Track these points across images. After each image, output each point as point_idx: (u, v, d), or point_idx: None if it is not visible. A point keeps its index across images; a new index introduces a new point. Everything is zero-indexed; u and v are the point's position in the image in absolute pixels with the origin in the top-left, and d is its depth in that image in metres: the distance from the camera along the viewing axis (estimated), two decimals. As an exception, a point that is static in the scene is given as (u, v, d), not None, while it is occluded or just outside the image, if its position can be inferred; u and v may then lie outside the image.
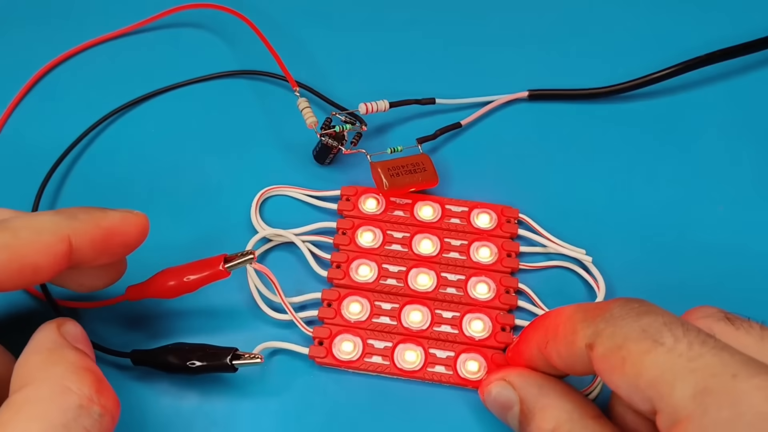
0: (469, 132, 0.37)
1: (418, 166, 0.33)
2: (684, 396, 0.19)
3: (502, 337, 0.30)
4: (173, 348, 0.29)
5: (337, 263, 0.32)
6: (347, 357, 0.30)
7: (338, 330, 0.30)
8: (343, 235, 0.32)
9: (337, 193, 0.33)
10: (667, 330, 0.20)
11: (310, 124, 0.33)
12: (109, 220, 0.25)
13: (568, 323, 0.23)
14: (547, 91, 0.37)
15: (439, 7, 0.41)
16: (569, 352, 0.22)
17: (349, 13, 0.40)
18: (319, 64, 0.39)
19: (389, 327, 0.30)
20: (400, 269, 0.32)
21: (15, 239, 0.22)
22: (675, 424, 0.19)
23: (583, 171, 0.35)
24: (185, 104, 0.37)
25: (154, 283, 0.28)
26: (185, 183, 0.35)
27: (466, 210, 0.33)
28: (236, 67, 0.38)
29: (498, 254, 0.32)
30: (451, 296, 0.31)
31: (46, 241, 0.23)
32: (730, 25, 0.40)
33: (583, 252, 0.32)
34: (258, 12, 0.39)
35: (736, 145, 0.36)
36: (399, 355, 0.30)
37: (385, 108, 0.34)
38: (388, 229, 0.33)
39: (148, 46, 0.39)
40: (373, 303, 0.31)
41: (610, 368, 0.21)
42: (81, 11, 0.40)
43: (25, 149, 0.35)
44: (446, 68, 0.39)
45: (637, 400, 0.20)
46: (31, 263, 0.23)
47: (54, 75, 0.38)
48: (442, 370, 0.30)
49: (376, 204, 0.33)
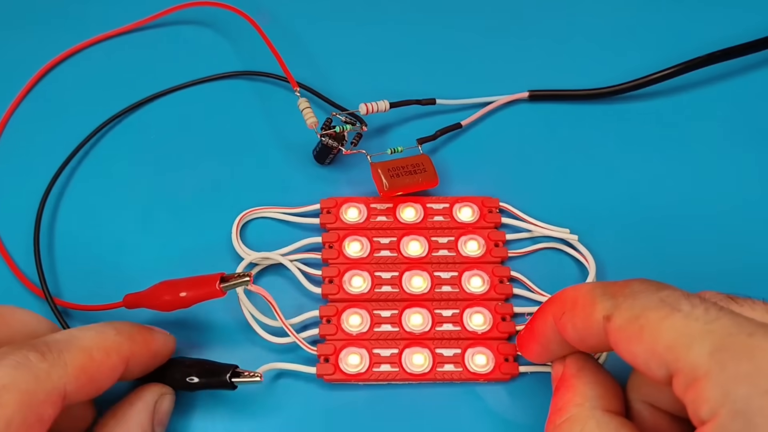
0: (469, 132, 0.37)
1: (418, 166, 0.32)
2: (702, 354, 0.19)
3: (505, 327, 0.30)
4: (171, 362, 0.28)
5: (330, 278, 0.31)
6: (355, 370, 0.29)
7: (342, 344, 0.30)
8: (330, 248, 0.32)
9: (317, 207, 0.33)
10: (685, 299, 0.20)
11: (310, 124, 0.33)
12: (156, 343, 0.27)
13: (587, 296, 0.23)
14: (547, 91, 0.37)
15: (440, 8, 0.41)
16: (585, 324, 0.23)
17: (350, 13, 0.40)
18: (320, 64, 0.38)
19: (392, 334, 0.30)
20: (392, 275, 0.32)
21: (91, 362, 0.23)
22: (693, 382, 0.19)
23: (584, 171, 0.35)
24: (186, 107, 0.37)
25: (150, 294, 0.29)
26: (180, 188, 0.35)
27: (447, 206, 0.33)
28: (237, 65, 0.38)
29: (486, 245, 0.32)
30: (447, 294, 0.31)
31: (113, 364, 0.24)
32: (730, 25, 0.40)
33: (567, 231, 0.33)
34: (259, 10, 0.39)
35: (736, 145, 0.36)
36: (407, 360, 0.30)
37: (385, 108, 0.34)
38: (374, 236, 0.32)
39: (149, 45, 0.39)
40: (372, 312, 0.31)
41: (627, 338, 0.21)
42: (79, 11, 0.40)
43: (26, 153, 0.36)
44: (447, 69, 0.39)
45: (654, 367, 0.20)
46: (99, 383, 0.24)
47: (53, 75, 0.38)
48: (452, 368, 0.30)
49: (358, 213, 0.33)
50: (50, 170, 0.34)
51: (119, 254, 0.33)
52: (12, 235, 0.33)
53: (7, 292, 0.32)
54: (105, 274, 0.32)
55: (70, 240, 0.33)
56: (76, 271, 0.32)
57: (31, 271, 0.32)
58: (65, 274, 0.32)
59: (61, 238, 0.33)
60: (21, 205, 0.34)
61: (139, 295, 0.29)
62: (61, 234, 0.33)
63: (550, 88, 0.37)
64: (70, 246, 0.33)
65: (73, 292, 0.32)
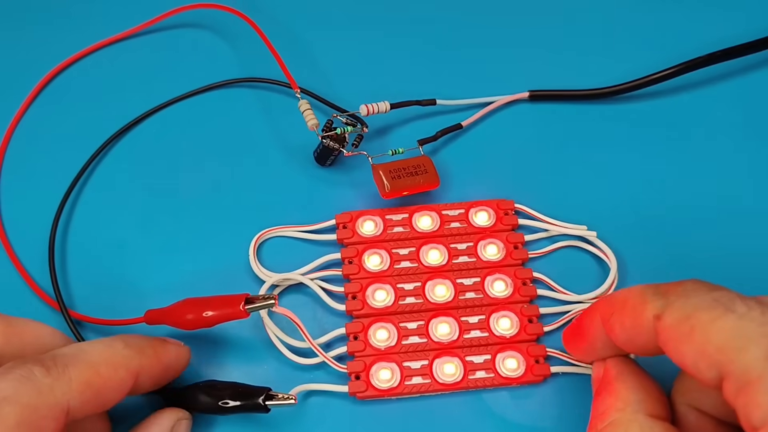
0: (470, 133, 0.37)
1: (419, 168, 0.32)
2: (757, 357, 0.18)
3: (532, 329, 0.30)
4: (205, 386, 0.28)
5: (353, 294, 0.31)
6: (387, 385, 0.29)
7: (372, 360, 0.30)
8: (350, 264, 0.32)
9: (333, 223, 0.33)
10: (740, 300, 0.20)
11: (311, 126, 0.33)
12: (168, 356, 0.26)
13: (638, 296, 0.22)
14: (548, 91, 0.37)
15: (440, 9, 0.40)
16: (634, 323, 0.22)
17: (349, 14, 0.40)
18: (320, 66, 0.38)
19: (420, 345, 0.30)
20: (415, 285, 0.31)
21: (97, 377, 0.23)
22: (745, 386, 0.19)
23: (584, 171, 0.35)
24: (188, 116, 0.37)
25: (173, 311, 0.29)
26: (186, 194, 0.35)
27: (462, 212, 0.33)
28: (237, 67, 0.38)
29: (505, 248, 0.32)
30: (472, 301, 0.31)
31: (121, 378, 0.24)
32: (730, 25, 0.40)
33: (584, 228, 0.33)
34: (258, 11, 0.39)
35: (738, 145, 0.36)
36: (438, 370, 0.30)
37: (386, 109, 0.34)
38: (392, 248, 0.32)
39: (150, 49, 0.39)
40: (398, 325, 0.31)
41: (677, 337, 0.20)
42: (82, 14, 0.40)
43: (37, 163, 0.36)
44: (447, 69, 0.39)
45: (704, 368, 0.20)
46: (105, 398, 0.23)
47: (56, 84, 0.38)
48: (483, 375, 0.30)
49: (374, 226, 0.33)
50: (60, 181, 0.34)
51: (132, 267, 0.33)
52: (26, 247, 0.33)
53: (22, 305, 0.32)
54: (119, 289, 0.32)
55: (83, 253, 0.33)
56: (89, 285, 0.32)
57: (46, 283, 0.32)
58: (78, 287, 0.32)
59: (74, 251, 0.33)
60: (34, 216, 0.34)
61: (161, 312, 0.29)
62: (73, 246, 0.33)
63: (550, 88, 0.37)
64: (83, 259, 0.33)
65: (86, 305, 0.32)
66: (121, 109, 0.37)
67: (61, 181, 0.35)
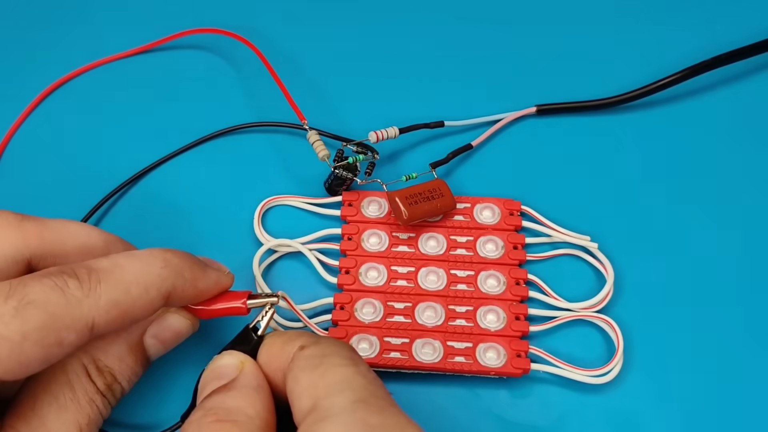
0: (481, 152, 0.37)
1: (435, 192, 0.32)
2: None
3: (518, 326, 0.30)
4: None
5: (346, 269, 0.32)
6: (365, 355, 0.29)
7: (354, 331, 0.30)
8: (349, 240, 0.32)
9: (339, 200, 0.34)
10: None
11: (322, 157, 0.32)
12: (205, 283, 0.25)
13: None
14: (555, 105, 0.37)
15: (441, 31, 0.41)
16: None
17: (348, 42, 0.40)
18: (325, 98, 0.38)
19: (404, 325, 0.30)
20: (409, 270, 0.32)
21: (125, 296, 0.22)
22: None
23: (597, 181, 0.35)
24: (200, 162, 0.36)
25: None
26: (188, 195, 0.35)
27: (468, 206, 0.33)
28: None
29: (505, 247, 0.32)
30: (462, 292, 0.31)
31: (152, 298, 0.23)
32: (732, 29, 0.40)
33: (588, 238, 0.33)
34: (259, 36, 0.39)
35: (741, 147, 0.36)
36: (417, 349, 0.29)
37: (395, 134, 0.34)
38: (393, 231, 0.33)
39: (149, 69, 0.39)
40: (385, 304, 0.31)
41: None
42: (88, 31, 0.41)
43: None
44: (452, 90, 0.39)
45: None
46: (132, 316, 0.23)
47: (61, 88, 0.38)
48: (462, 360, 0.29)
49: (378, 208, 0.33)
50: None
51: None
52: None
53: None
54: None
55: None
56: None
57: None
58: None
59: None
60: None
61: None
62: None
63: (557, 102, 0.37)
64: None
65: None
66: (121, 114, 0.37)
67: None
